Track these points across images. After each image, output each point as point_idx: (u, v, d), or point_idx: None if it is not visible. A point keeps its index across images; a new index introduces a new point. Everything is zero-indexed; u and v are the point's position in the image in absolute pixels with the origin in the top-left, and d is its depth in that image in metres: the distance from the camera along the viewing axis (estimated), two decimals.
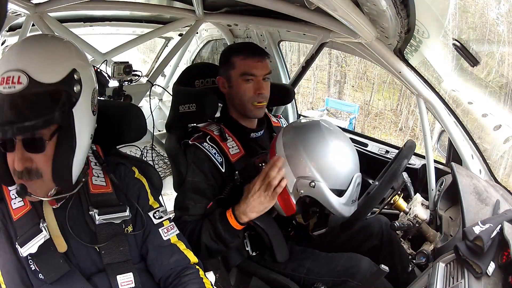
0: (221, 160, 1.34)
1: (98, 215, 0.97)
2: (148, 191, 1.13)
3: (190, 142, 1.38)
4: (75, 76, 0.88)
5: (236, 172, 1.32)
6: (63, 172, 0.90)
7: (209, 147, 1.35)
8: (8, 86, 0.80)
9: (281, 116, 1.77)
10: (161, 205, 1.14)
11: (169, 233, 1.10)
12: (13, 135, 0.81)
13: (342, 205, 1.16)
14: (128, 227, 1.04)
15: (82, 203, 1.00)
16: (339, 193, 1.15)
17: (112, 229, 0.99)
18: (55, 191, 0.93)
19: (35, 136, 0.85)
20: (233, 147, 1.38)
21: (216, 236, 1.22)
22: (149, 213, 1.09)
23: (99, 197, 1.01)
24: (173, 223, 1.13)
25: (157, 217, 1.09)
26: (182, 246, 1.11)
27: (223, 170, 1.33)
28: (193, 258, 1.11)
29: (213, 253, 1.27)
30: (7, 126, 0.78)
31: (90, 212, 0.98)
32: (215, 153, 1.35)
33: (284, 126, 1.60)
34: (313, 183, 1.13)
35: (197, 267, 1.10)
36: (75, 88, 0.87)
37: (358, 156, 1.24)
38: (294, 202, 1.19)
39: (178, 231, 1.12)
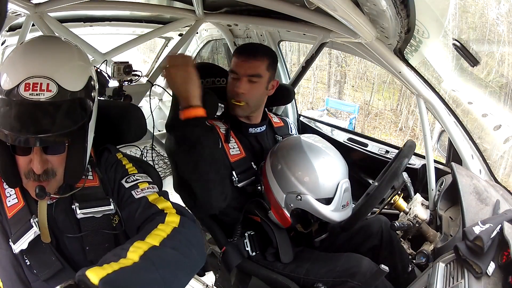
0: (217, 136, 1.39)
1: (79, 209, 0.96)
2: (126, 163, 1.07)
3: None
4: (92, 83, 0.91)
5: (234, 173, 1.37)
6: (76, 169, 0.93)
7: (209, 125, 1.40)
8: (36, 93, 0.80)
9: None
10: (140, 172, 1.06)
11: (144, 191, 0.99)
12: (51, 143, 0.83)
13: (331, 212, 1.24)
14: (115, 216, 1.01)
15: (71, 196, 0.99)
16: (327, 201, 1.24)
17: (95, 224, 0.97)
18: (63, 187, 0.95)
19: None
20: (234, 148, 1.41)
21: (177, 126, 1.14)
22: (121, 181, 1.02)
23: (84, 191, 0.99)
24: (152, 186, 1.02)
25: (129, 181, 1.02)
26: (158, 199, 0.99)
27: (220, 146, 1.38)
28: (166, 205, 0.97)
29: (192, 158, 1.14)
30: (43, 135, 0.79)
31: (73, 206, 0.97)
32: (213, 128, 1.40)
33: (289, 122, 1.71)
34: (299, 197, 1.24)
35: (167, 211, 0.94)
36: (92, 95, 0.91)
37: (346, 163, 1.33)
38: (288, 215, 1.29)
39: (157, 191, 1.01)
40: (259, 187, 1.36)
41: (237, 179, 1.38)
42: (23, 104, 0.80)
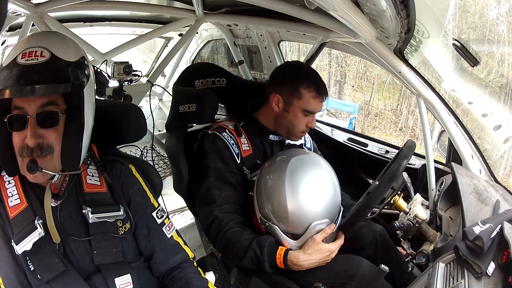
0: (237, 151, 1.40)
1: (92, 213, 0.98)
2: (147, 190, 1.14)
3: (209, 132, 1.43)
4: (85, 61, 0.95)
5: (244, 167, 1.40)
6: (72, 148, 0.94)
7: (227, 137, 1.41)
8: (31, 59, 0.85)
9: None
10: (159, 204, 1.16)
11: (170, 230, 1.14)
12: (37, 93, 0.85)
13: (296, 247, 1.23)
14: (126, 224, 1.04)
15: (79, 201, 1.01)
16: (294, 236, 1.23)
17: (105, 228, 1.00)
18: (60, 176, 0.97)
19: (50, 110, 0.90)
20: (244, 143, 1.43)
21: (258, 266, 1.24)
22: (152, 214, 1.11)
23: (93, 196, 1.02)
24: (171, 220, 1.16)
25: (159, 217, 1.12)
26: (181, 242, 1.15)
27: (238, 162, 1.40)
28: (190, 254, 1.16)
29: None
30: (31, 86, 0.83)
31: (84, 211, 0.98)
32: (232, 144, 1.40)
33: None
34: (268, 224, 1.24)
35: (191, 259, 1.17)
36: (86, 71, 0.94)
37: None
38: (265, 231, 1.30)
39: (175, 228, 1.17)
40: (250, 193, 1.36)
41: (249, 172, 1.40)
42: (19, 67, 0.85)
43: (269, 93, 1.44)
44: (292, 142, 1.56)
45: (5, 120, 0.89)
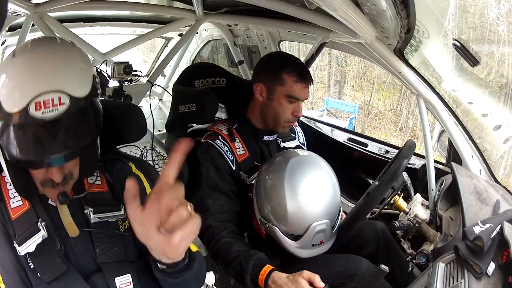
0: (232, 158, 1.39)
1: (93, 213, 0.98)
2: (147, 186, 1.11)
3: (202, 140, 1.41)
4: (96, 80, 0.90)
5: (241, 173, 1.38)
6: (91, 165, 0.96)
7: (221, 144, 1.39)
8: (49, 110, 0.74)
9: None
10: None
11: None
12: (74, 155, 0.83)
13: (296, 248, 1.22)
14: (126, 222, 1.03)
15: (81, 201, 1.00)
16: (294, 237, 1.21)
17: (105, 228, 0.99)
18: (76, 187, 0.97)
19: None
20: (239, 147, 1.42)
21: (240, 277, 1.21)
22: None
23: (94, 196, 1.01)
24: None
25: None
26: None
27: (234, 168, 1.38)
28: (194, 248, 1.10)
29: None
30: (68, 150, 0.77)
31: (85, 211, 0.98)
32: (226, 151, 1.39)
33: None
34: (268, 225, 1.23)
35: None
36: (98, 92, 0.92)
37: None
38: (264, 233, 1.30)
39: None
40: (249, 194, 1.36)
41: (246, 176, 1.39)
42: (37, 125, 0.75)
43: (253, 84, 1.43)
44: (287, 146, 1.55)
45: None
